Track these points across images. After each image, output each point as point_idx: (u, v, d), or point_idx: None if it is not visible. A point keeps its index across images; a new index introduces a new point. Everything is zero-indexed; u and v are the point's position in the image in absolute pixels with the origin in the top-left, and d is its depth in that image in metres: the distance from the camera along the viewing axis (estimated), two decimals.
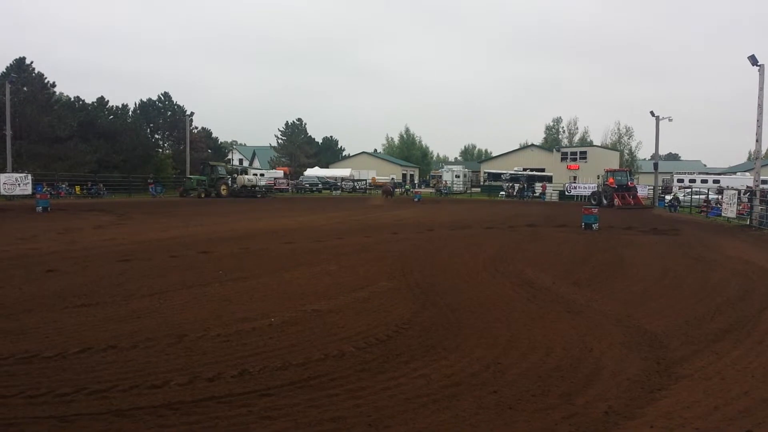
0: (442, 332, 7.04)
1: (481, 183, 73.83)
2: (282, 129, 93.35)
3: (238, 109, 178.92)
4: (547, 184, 59.92)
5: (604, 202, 41.16)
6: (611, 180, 43.78)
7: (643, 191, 49.86)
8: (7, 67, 48.70)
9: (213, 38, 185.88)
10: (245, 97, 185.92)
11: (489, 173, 72.04)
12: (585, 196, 50.16)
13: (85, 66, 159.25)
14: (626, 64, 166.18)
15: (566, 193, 55.63)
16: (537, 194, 57.45)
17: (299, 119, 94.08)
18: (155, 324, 7.17)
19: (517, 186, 59.40)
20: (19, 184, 39.18)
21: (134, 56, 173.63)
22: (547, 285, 10.35)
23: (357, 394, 5.00)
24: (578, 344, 6.66)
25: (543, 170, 69.83)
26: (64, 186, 45.20)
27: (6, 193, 38.27)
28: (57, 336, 6.58)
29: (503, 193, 59.70)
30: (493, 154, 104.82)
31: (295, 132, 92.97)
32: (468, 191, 68.33)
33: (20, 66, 48.98)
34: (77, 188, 46.22)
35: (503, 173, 67.33)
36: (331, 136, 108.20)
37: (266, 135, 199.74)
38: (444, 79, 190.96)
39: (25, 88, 48.15)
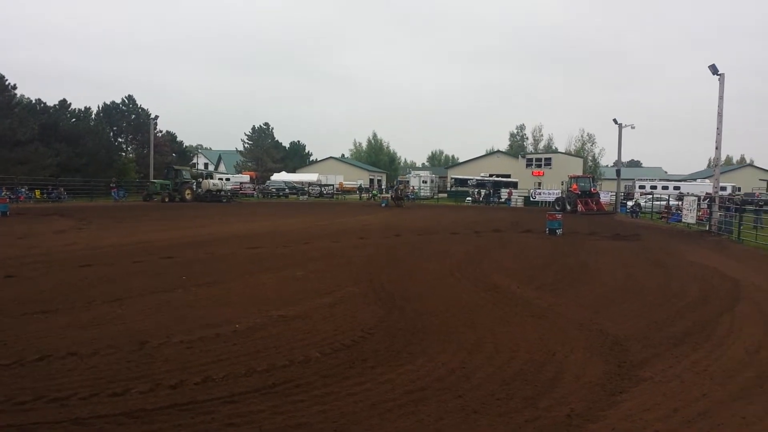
0: (408, 337, 7.05)
1: (448, 188, 74.28)
2: (248, 133, 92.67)
3: (203, 113, 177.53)
4: (513, 190, 60.67)
5: (568, 207, 41.79)
6: (575, 186, 44.48)
7: (605, 197, 50.82)
8: None
9: (179, 40, 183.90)
10: (211, 100, 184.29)
11: (456, 179, 72.57)
12: (549, 201, 50.84)
13: (47, 68, 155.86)
14: (590, 72, 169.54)
15: (531, 198, 56.36)
16: (503, 200, 58.09)
17: (266, 124, 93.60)
18: (117, 331, 7.04)
19: (483, 192, 59.94)
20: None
21: (98, 58, 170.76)
22: (512, 289, 10.46)
23: (322, 400, 4.98)
24: (542, 348, 6.74)
25: (509, 176, 70.67)
26: (23, 190, 44.06)
27: None
28: (15, 343, 6.42)
29: (470, 198, 60.19)
30: (460, 160, 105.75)
31: (261, 136, 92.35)
32: (435, 197, 68.67)
33: None
34: (37, 192, 45.10)
35: (470, 179, 67.88)
36: (298, 141, 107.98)
37: (232, 139, 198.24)
38: (411, 85, 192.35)
39: None
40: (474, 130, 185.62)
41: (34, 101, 55.65)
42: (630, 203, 44.30)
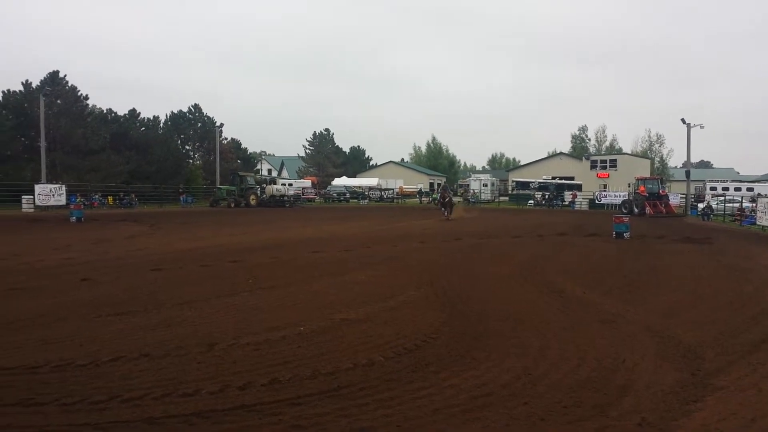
0: (471, 342, 6.99)
1: (510, 192, 73.36)
2: (310, 139, 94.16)
3: (266, 120, 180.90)
4: (577, 193, 59.29)
5: (636, 210, 40.56)
6: (642, 188, 43.16)
7: (675, 199, 49.03)
8: (42, 80, 49.91)
9: (242, 49, 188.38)
10: (273, 108, 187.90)
11: (517, 182, 71.55)
12: (616, 204, 49.45)
13: (117, 79, 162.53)
14: (655, 70, 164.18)
15: (596, 201, 54.92)
16: (566, 203, 56.87)
17: (327, 129, 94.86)
18: (186, 333, 7.26)
19: (546, 194, 58.90)
20: (53, 195, 40.08)
21: (166, 68, 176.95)
22: (578, 294, 10.22)
23: (386, 403, 4.99)
24: (611, 355, 6.55)
25: (572, 178, 69.16)
26: (97, 197, 46.08)
27: (41, 204, 39.19)
28: (90, 344, 6.69)
29: (532, 201, 59.23)
30: (521, 163, 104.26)
31: (322, 142, 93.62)
32: (496, 200, 67.94)
33: (54, 79, 50.18)
34: (110, 199, 47.10)
35: (532, 182, 66.82)
36: (358, 146, 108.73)
37: (294, 145, 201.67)
38: (470, 87, 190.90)
39: (59, 101, 49.30)
40: (534, 131, 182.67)
41: (105, 111, 58.04)
42: (701, 205, 42.61)
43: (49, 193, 40.01)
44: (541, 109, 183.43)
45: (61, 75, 50.70)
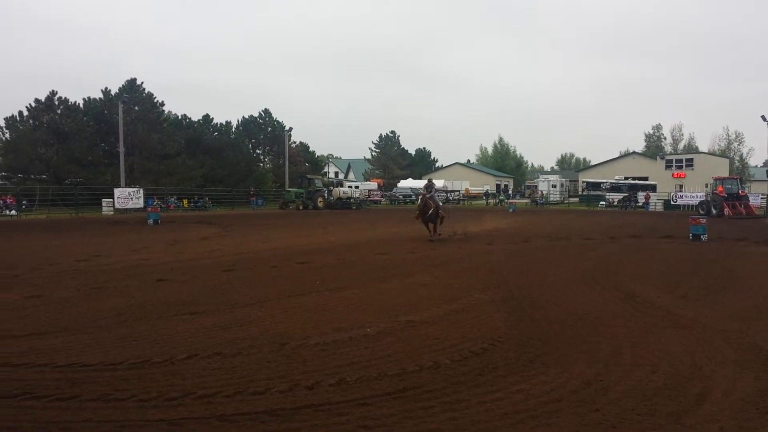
0: (539, 346, 6.87)
1: (580, 193, 71.64)
2: (376, 141, 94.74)
3: (333, 123, 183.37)
4: (651, 193, 57.24)
5: (713, 211, 38.83)
6: (720, 188, 41.30)
7: (755, 200, 46.68)
8: (120, 87, 52.34)
9: (310, 53, 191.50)
10: (340, 111, 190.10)
11: (588, 182, 69.77)
12: (692, 205, 47.50)
13: (191, 85, 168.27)
14: (735, 65, 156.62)
15: (672, 202, 52.91)
16: (640, 204, 55.04)
17: (392, 131, 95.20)
18: (257, 332, 7.44)
19: (618, 195, 57.16)
20: (131, 198, 41.94)
21: (237, 75, 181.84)
22: (651, 298, 9.88)
23: (453, 407, 4.96)
24: (686, 361, 6.30)
25: (646, 179, 66.90)
26: (172, 199, 47.85)
27: (120, 207, 41.07)
28: (166, 343, 6.94)
29: (603, 203, 57.63)
30: (592, 163, 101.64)
31: (388, 144, 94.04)
32: (565, 201, 66.47)
33: (132, 86, 52.49)
34: (185, 201, 48.83)
35: (603, 182, 65.01)
36: (424, 148, 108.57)
37: (361, 148, 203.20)
38: (539, 86, 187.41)
39: (136, 108, 51.49)
40: (606, 131, 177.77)
41: (180, 117, 60.25)
42: None
43: (128, 197, 41.89)
44: (613, 108, 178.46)
45: (138, 82, 52.99)
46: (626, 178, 66.88)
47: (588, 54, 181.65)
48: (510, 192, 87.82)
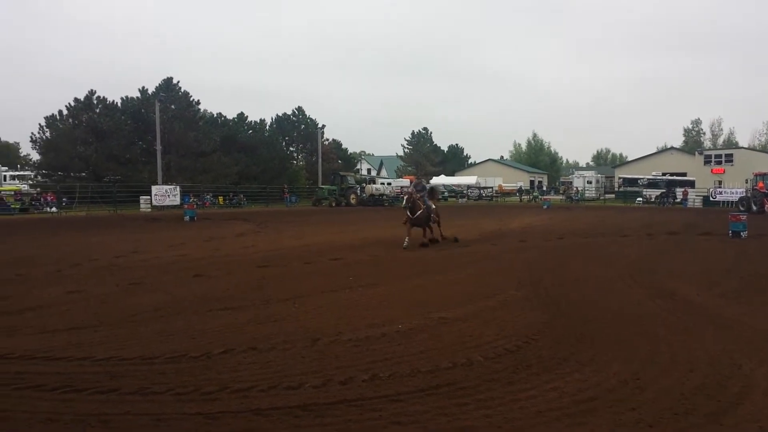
0: (574, 344, 6.79)
1: (616, 189, 70.51)
2: (408, 138, 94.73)
3: (366, 120, 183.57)
4: (689, 190, 56.05)
5: (754, 208, 37.82)
6: (761, 184, 40.17)
7: None
8: (157, 86, 53.27)
9: (342, 51, 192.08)
10: (373, 108, 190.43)
11: (624, 178, 68.56)
12: (732, 201, 46.34)
13: (226, 84, 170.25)
14: None
15: (711, 198, 51.66)
16: (678, 200, 53.92)
17: (425, 128, 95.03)
18: (291, 327, 7.50)
19: (655, 192, 56.11)
20: (168, 196, 42.68)
21: (271, 74, 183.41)
22: (690, 297, 9.67)
23: (487, 404, 4.94)
24: (726, 360, 6.15)
25: (684, 175, 65.48)
26: (208, 197, 48.58)
27: (157, 204, 41.83)
28: (202, 337, 7.05)
29: (640, 199, 56.62)
30: (628, 159, 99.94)
31: (420, 141, 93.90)
32: (601, 198, 65.48)
33: (168, 86, 53.37)
34: (220, 199, 49.50)
35: (640, 178, 63.84)
36: (456, 144, 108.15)
37: (393, 144, 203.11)
38: (572, 81, 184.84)
39: (173, 106, 52.37)
40: (643, 126, 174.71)
41: (215, 115, 61.06)
42: None
43: (165, 194, 42.64)
44: (650, 102, 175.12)
45: (174, 81, 53.83)
46: (664, 174, 65.57)
47: (625, 48, 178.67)
48: (544, 188, 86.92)
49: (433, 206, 18.63)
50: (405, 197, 18.73)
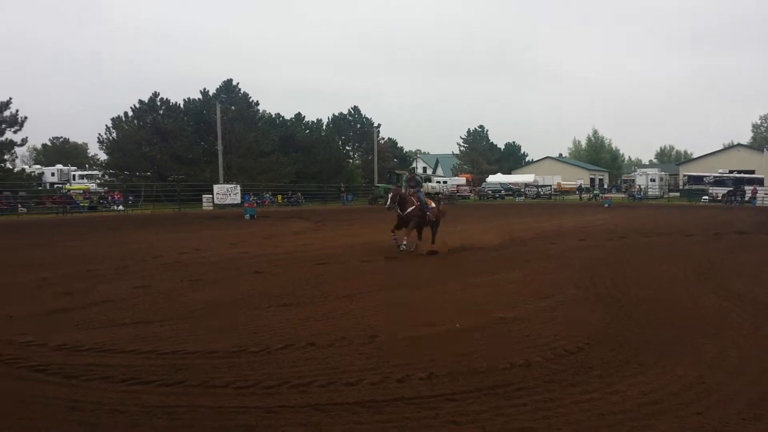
0: (637, 346, 6.60)
1: (681, 187, 68.21)
2: (464, 136, 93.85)
3: (421, 119, 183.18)
4: (758, 188, 53.67)
5: None
6: None
7: None
8: (217, 88, 54.60)
9: (397, 50, 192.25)
10: (428, 106, 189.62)
11: (689, 176, 66.30)
12: None
13: (284, 85, 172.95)
14: None
15: None
16: (746, 198, 51.73)
17: (481, 126, 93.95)
18: (349, 324, 7.57)
19: (722, 190, 54.00)
20: (229, 195, 43.70)
21: (328, 74, 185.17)
22: (761, 299, 9.26)
23: (546, 405, 4.86)
24: None
25: (752, 172, 62.77)
26: (267, 195, 49.50)
27: (219, 203, 42.90)
28: (263, 332, 7.19)
29: (706, 197, 54.60)
30: (694, 156, 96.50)
31: (477, 139, 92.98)
32: (665, 196, 63.48)
33: (228, 87, 54.61)
34: (279, 197, 50.39)
35: (706, 176, 61.59)
36: (513, 142, 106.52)
37: (449, 143, 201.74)
38: (634, 77, 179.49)
39: (233, 107, 53.53)
40: (708, 122, 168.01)
41: (274, 116, 62.11)
42: None
43: (226, 193, 43.69)
44: (716, 98, 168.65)
45: (234, 83, 55.03)
46: (731, 172, 63.04)
47: (689, 42, 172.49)
48: (605, 186, 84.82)
49: (432, 205, 16.10)
50: (389, 196, 15.66)
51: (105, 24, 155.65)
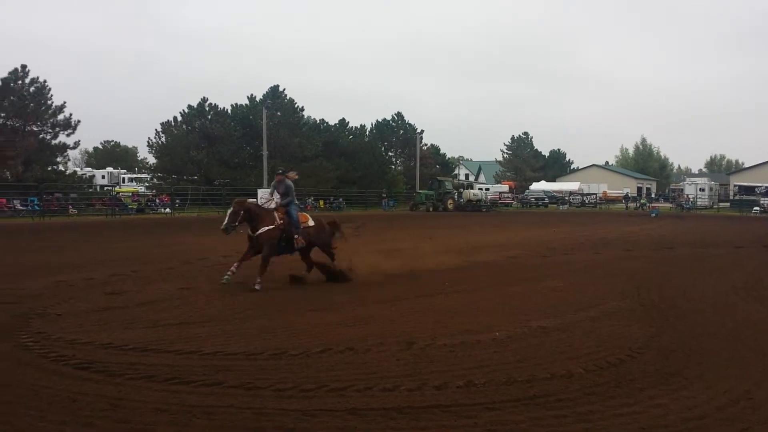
0: (682, 359, 6.44)
1: (731, 197, 66.22)
2: (507, 143, 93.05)
3: (464, 125, 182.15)
4: None
5: None
6: None
7: None
8: (264, 94, 55.38)
9: (440, 55, 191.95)
10: (472, 112, 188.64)
11: (740, 186, 64.35)
12: None
13: (329, 90, 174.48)
14: None
15: None
16: None
17: (525, 133, 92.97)
18: (387, 330, 7.59)
19: None
20: (273, 199, 44.19)
21: (372, 80, 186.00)
22: None
23: (586, 417, 4.78)
24: None
25: None
26: (310, 200, 49.90)
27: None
28: (302, 336, 7.26)
29: (758, 208, 52.86)
30: (745, 165, 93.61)
31: (520, 146, 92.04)
32: (715, 206, 61.72)
33: (274, 93, 55.37)
34: (321, 202, 50.75)
35: (758, 186, 59.67)
36: (558, 149, 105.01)
37: (492, 149, 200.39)
38: (685, 84, 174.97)
39: (278, 113, 54.23)
40: (761, 131, 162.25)
41: (318, 121, 62.70)
42: None
43: (270, 197, 44.19)
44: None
45: (280, 89, 55.79)
46: None
47: (740, 48, 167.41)
48: (653, 195, 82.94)
49: (311, 223, 12.03)
50: (229, 211, 11.21)
51: (158, 30, 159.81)
